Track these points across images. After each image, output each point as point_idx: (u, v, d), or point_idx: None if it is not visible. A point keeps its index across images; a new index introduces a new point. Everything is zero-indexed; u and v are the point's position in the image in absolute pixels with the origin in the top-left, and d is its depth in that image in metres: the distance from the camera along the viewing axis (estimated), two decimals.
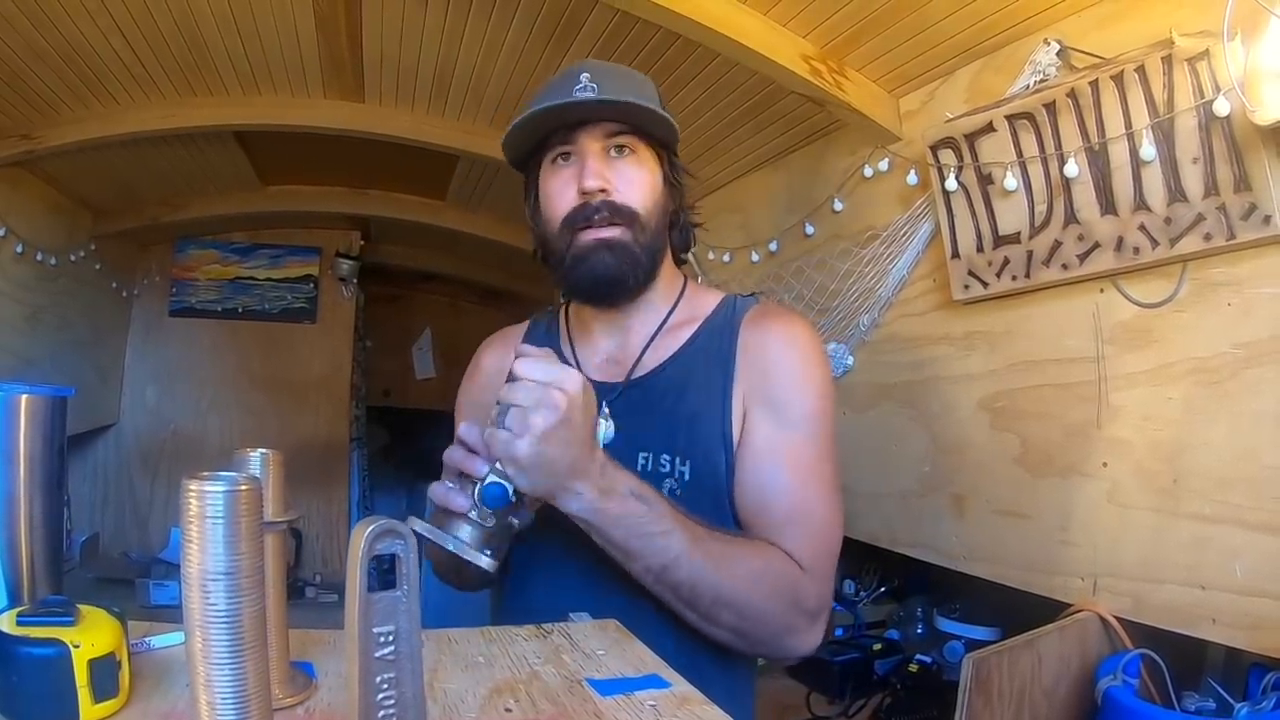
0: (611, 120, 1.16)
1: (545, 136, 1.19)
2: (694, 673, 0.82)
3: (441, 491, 0.97)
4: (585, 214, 1.15)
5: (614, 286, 1.20)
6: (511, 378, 0.95)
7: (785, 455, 1.14)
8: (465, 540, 0.94)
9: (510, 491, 0.94)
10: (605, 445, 1.02)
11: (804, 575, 1.08)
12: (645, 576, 1.03)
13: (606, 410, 1.06)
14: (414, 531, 0.92)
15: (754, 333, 1.23)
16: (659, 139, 1.21)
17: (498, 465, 0.95)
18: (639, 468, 1.15)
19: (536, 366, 0.95)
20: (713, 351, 1.22)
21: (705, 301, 1.29)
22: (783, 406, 1.16)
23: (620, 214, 1.15)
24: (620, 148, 1.17)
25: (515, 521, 0.99)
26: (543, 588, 1.21)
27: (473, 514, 0.94)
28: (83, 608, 0.67)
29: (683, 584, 1.02)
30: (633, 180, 1.17)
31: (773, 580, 1.06)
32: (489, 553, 0.94)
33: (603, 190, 1.15)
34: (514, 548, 1.26)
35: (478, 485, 0.95)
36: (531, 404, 0.92)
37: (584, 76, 1.14)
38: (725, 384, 1.19)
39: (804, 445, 1.15)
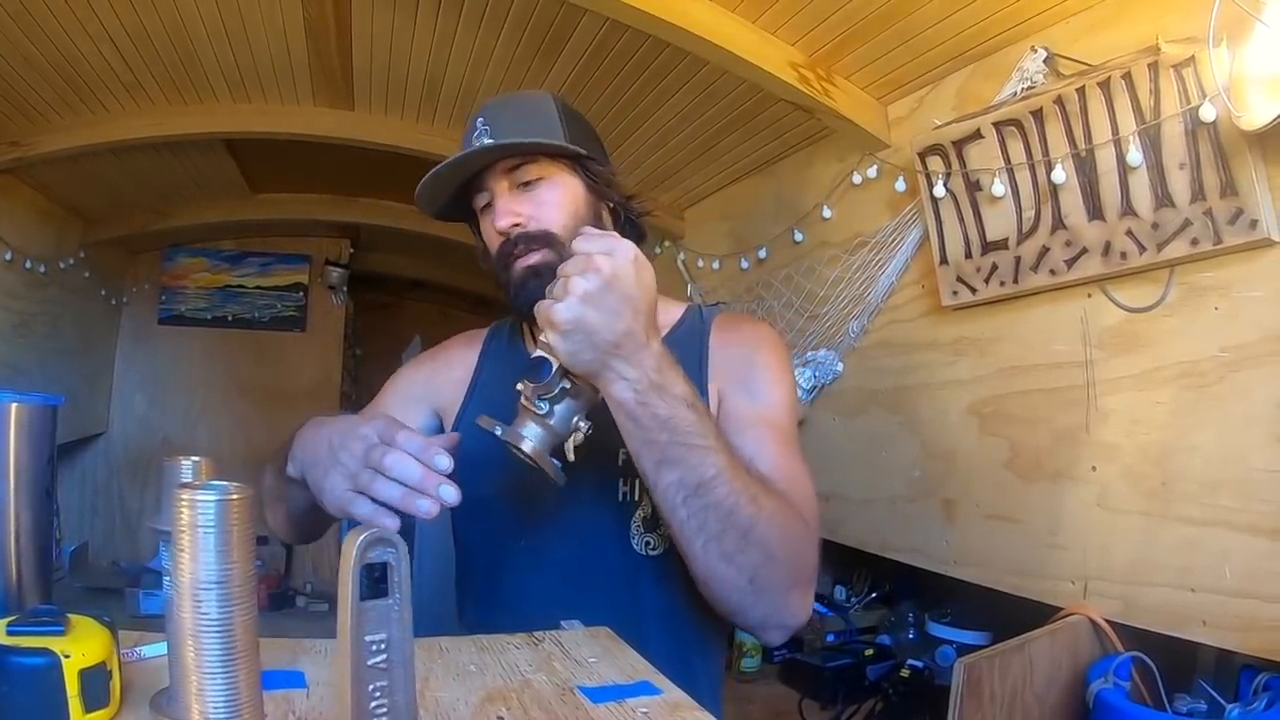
0: (507, 156, 1.18)
1: (467, 183, 1.23)
2: (674, 677, 0.82)
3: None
4: (507, 248, 1.19)
5: None
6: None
7: (767, 428, 1.15)
8: (532, 440, 0.92)
9: (554, 368, 0.91)
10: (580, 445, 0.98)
11: (807, 529, 1.06)
12: (676, 494, 0.96)
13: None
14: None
15: (727, 332, 1.26)
16: (566, 154, 1.22)
17: (543, 339, 0.92)
18: (620, 463, 1.15)
19: (589, 240, 0.92)
20: (686, 354, 1.22)
21: (670, 311, 1.31)
22: (760, 390, 1.19)
23: (536, 239, 1.17)
24: (527, 182, 1.20)
25: (581, 425, 0.95)
26: (516, 590, 1.20)
27: (538, 407, 0.92)
28: (73, 617, 0.67)
29: (716, 506, 0.95)
30: (543, 203, 1.19)
31: (793, 524, 1.02)
32: (558, 464, 0.92)
33: (516, 225, 1.18)
34: (485, 551, 1.26)
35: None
36: (576, 270, 0.89)
37: (479, 121, 1.19)
38: (701, 381, 1.21)
39: (782, 423, 1.18)
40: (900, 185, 1.92)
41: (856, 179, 2.09)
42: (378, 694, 0.55)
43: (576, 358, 0.91)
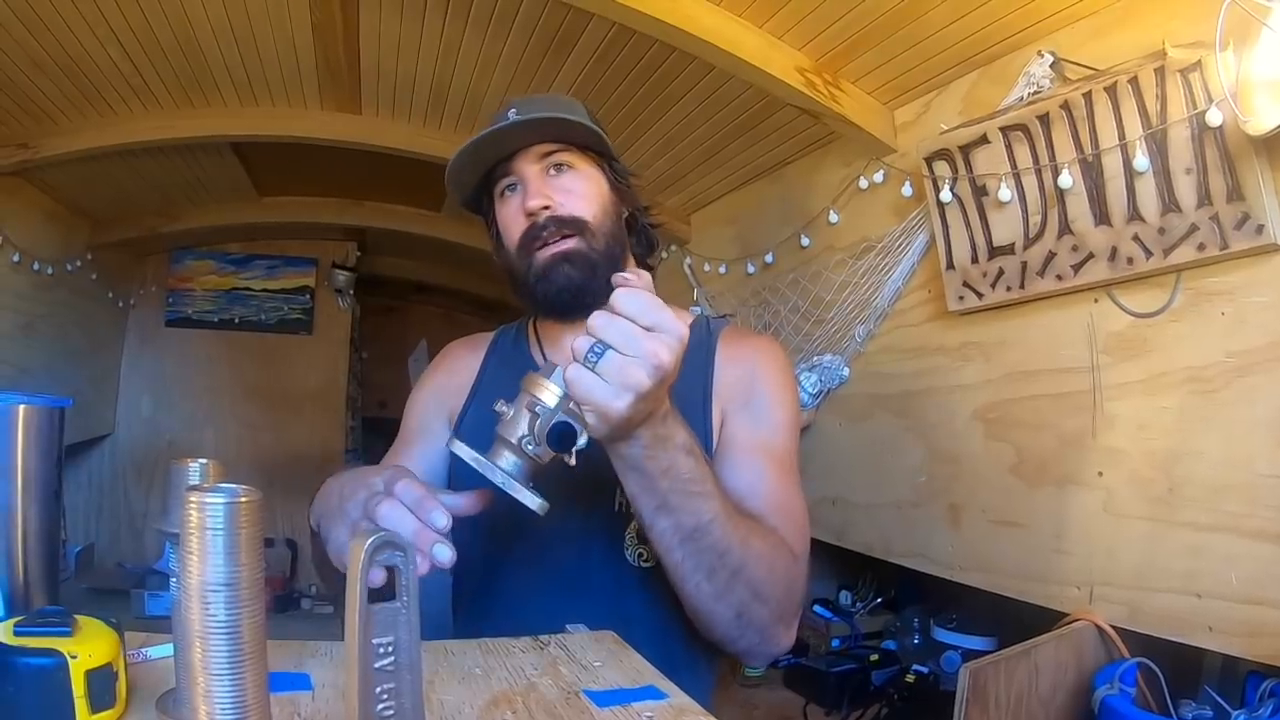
0: (540, 141, 1.19)
1: (489, 172, 1.23)
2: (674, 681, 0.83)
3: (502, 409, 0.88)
4: (534, 233, 1.18)
5: (579, 297, 1.19)
6: (608, 309, 0.82)
7: (765, 452, 1.15)
8: (511, 473, 0.86)
9: (580, 434, 0.85)
10: (581, 450, 0.93)
11: (796, 563, 1.07)
12: (672, 537, 0.96)
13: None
14: (455, 455, 0.88)
15: (733, 347, 1.26)
16: (595, 149, 1.23)
17: (571, 405, 0.84)
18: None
19: (642, 305, 0.82)
20: (691, 364, 1.22)
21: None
22: (761, 413, 1.19)
23: (568, 225, 1.18)
24: (558, 165, 1.20)
25: (572, 460, 0.89)
26: (510, 594, 1.20)
27: (528, 447, 0.85)
28: (80, 618, 0.67)
29: (710, 549, 0.96)
30: (573, 191, 1.20)
31: (781, 562, 1.04)
32: (536, 490, 0.86)
33: (546, 207, 1.18)
34: (481, 554, 1.26)
35: (539, 419, 0.84)
36: (637, 355, 0.81)
37: (511, 113, 1.18)
38: (705, 393, 1.21)
39: (782, 447, 1.18)
40: (907, 190, 1.92)
41: (863, 184, 2.09)
42: (385, 696, 0.55)
43: (610, 438, 0.89)
